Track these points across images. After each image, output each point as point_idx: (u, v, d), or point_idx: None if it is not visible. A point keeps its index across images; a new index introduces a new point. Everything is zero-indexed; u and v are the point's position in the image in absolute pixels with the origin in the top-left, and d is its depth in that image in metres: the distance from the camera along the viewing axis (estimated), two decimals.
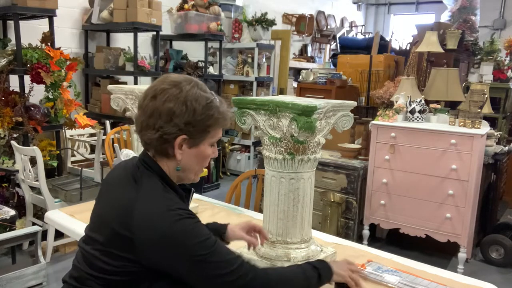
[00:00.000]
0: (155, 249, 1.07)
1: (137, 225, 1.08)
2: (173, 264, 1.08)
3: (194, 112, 1.14)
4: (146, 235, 1.07)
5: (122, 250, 1.09)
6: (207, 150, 1.21)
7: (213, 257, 1.08)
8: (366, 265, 1.54)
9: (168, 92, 1.14)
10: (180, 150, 1.17)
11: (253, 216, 2.04)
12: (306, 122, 1.34)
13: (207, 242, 1.08)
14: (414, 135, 3.24)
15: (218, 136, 1.23)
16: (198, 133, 1.17)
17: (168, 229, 1.06)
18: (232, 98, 1.60)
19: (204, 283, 1.10)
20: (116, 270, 1.11)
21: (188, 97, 1.14)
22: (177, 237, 1.06)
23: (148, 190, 1.14)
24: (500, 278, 3.28)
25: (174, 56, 5.26)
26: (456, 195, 3.12)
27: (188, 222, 1.09)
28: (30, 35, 3.65)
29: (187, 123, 1.14)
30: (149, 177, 1.17)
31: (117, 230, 1.10)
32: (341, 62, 4.98)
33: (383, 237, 3.92)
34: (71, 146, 4.14)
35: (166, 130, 1.13)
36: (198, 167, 1.23)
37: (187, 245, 1.06)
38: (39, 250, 2.77)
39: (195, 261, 1.07)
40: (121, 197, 1.16)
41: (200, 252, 1.07)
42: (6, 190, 3.37)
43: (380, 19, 10.15)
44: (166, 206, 1.10)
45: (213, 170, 5.35)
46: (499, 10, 8.19)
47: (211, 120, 1.17)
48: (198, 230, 1.09)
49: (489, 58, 4.67)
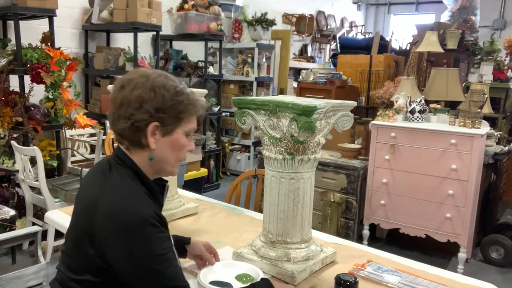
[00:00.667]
0: (110, 246, 1.06)
1: (98, 220, 1.07)
2: (122, 266, 1.06)
3: (163, 98, 1.13)
4: (104, 231, 1.06)
5: (89, 247, 1.09)
6: (181, 139, 1.19)
7: (164, 276, 1.06)
8: (366, 265, 1.54)
9: (135, 80, 1.15)
10: (153, 139, 1.15)
11: (253, 216, 2.04)
12: (306, 122, 1.34)
13: (162, 258, 1.06)
14: (414, 135, 3.24)
15: (192, 125, 1.21)
16: (170, 120, 1.15)
17: (126, 229, 1.04)
18: (232, 98, 1.60)
19: None
20: (88, 269, 1.10)
21: (155, 84, 1.14)
22: (134, 241, 1.04)
23: (114, 185, 1.13)
24: (500, 278, 3.28)
25: (174, 56, 5.26)
26: (456, 195, 3.12)
27: (152, 229, 1.06)
28: (30, 35, 3.65)
29: (157, 109, 1.13)
30: (118, 171, 1.16)
31: (84, 227, 1.11)
32: (341, 62, 4.98)
33: (383, 237, 3.92)
34: (71, 146, 4.14)
35: (137, 117, 1.12)
36: (174, 158, 1.20)
37: (141, 254, 1.04)
38: (39, 250, 2.76)
39: (145, 272, 1.04)
40: (89, 193, 1.16)
41: (152, 265, 1.04)
42: (6, 190, 3.37)
43: (380, 19, 10.15)
44: (132, 201, 1.08)
45: (213, 170, 5.36)
46: (499, 10, 8.19)
47: (182, 106, 1.16)
48: (159, 242, 1.07)
49: (489, 58, 4.67)
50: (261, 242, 1.56)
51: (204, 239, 1.75)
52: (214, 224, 1.92)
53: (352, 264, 1.55)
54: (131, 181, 1.14)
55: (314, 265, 1.50)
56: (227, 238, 1.77)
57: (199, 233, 1.80)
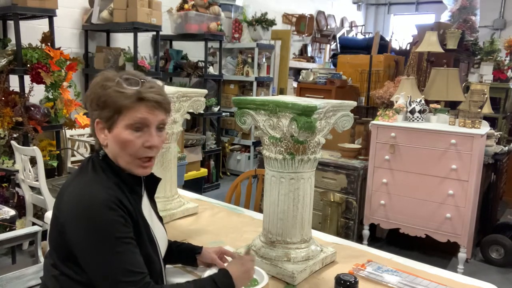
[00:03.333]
0: (69, 230, 1.07)
1: (63, 204, 1.11)
2: (81, 249, 1.07)
3: (95, 93, 1.14)
4: (64, 215, 1.09)
5: (58, 234, 1.12)
6: (122, 134, 1.12)
7: (120, 259, 1.05)
8: (366, 265, 1.54)
9: (93, 82, 1.19)
10: (103, 135, 1.16)
11: (253, 216, 2.04)
12: (306, 122, 1.34)
13: (120, 240, 1.05)
14: (414, 135, 3.24)
15: (133, 118, 1.12)
16: (107, 115, 1.13)
17: (86, 208, 1.06)
18: (232, 98, 1.60)
19: (94, 274, 1.07)
20: (62, 255, 1.13)
21: (94, 82, 1.17)
22: (91, 224, 1.05)
23: (85, 173, 1.16)
24: (500, 278, 3.28)
25: (174, 56, 5.26)
26: (456, 195, 3.12)
27: (110, 212, 1.06)
28: (30, 35, 3.65)
29: (96, 105, 1.15)
30: (93, 163, 1.18)
31: (54, 213, 1.15)
32: (341, 62, 4.98)
33: (383, 237, 3.92)
34: (71, 146, 4.14)
35: (90, 115, 1.19)
36: (124, 153, 1.14)
37: (98, 233, 1.04)
38: (39, 250, 2.76)
39: (98, 252, 1.04)
40: (64, 184, 1.20)
41: (110, 248, 1.04)
42: (6, 190, 3.37)
43: (380, 19, 10.15)
44: (95, 187, 1.10)
45: (213, 170, 5.36)
46: (499, 10, 8.19)
47: (108, 100, 1.12)
48: (117, 225, 1.06)
49: (489, 58, 4.67)
50: (261, 242, 1.56)
51: (204, 239, 1.75)
52: (214, 224, 1.92)
53: (352, 264, 1.55)
54: (101, 171, 1.16)
55: (314, 265, 1.50)
56: (227, 238, 1.77)
57: (199, 233, 1.80)
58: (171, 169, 1.95)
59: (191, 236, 1.76)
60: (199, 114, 4.98)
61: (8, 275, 2.50)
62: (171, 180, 1.96)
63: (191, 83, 5.53)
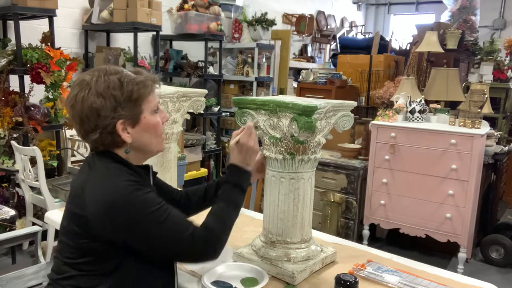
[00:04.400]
0: (106, 221, 1.10)
1: (88, 201, 1.12)
2: (125, 237, 1.11)
3: (114, 97, 1.15)
4: (96, 209, 1.10)
5: (81, 230, 1.13)
6: (151, 119, 1.21)
7: (167, 225, 1.11)
8: (366, 265, 1.54)
9: (80, 94, 1.15)
10: (127, 134, 1.18)
11: (253, 216, 2.04)
12: (306, 122, 1.34)
13: (158, 212, 1.11)
14: (414, 135, 3.24)
15: (153, 102, 1.21)
16: (131, 111, 1.17)
17: (116, 202, 1.09)
18: (232, 98, 1.60)
19: (160, 250, 1.14)
20: (82, 251, 1.14)
21: (99, 89, 1.14)
22: (127, 209, 1.09)
23: (98, 169, 1.18)
24: (500, 278, 3.28)
25: (174, 56, 5.26)
26: (456, 195, 3.12)
27: (137, 193, 1.11)
28: (30, 35, 3.65)
29: (114, 109, 1.15)
30: (101, 159, 1.20)
31: (74, 211, 1.15)
32: (341, 62, 4.98)
33: (383, 237, 3.92)
34: (71, 146, 4.14)
35: (102, 125, 1.15)
36: (154, 137, 1.23)
37: (138, 216, 1.09)
38: (39, 250, 2.76)
39: (148, 230, 1.10)
40: (77, 182, 1.21)
41: (152, 221, 1.10)
42: (6, 190, 3.37)
43: (380, 19, 10.14)
44: (113, 179, 1.13)
45: (213, 170, 5.36)
46: (499, 10, 8.18)
47: (134, 94, 1.17)
48: (149, 200, 1.12)
49: (489, 58, 4.67)
50: (261, 242, 1.56)
51: None
52: None
53: (352, 264, 1.55)
54: (115, 164, 1.18)
55: (314, 265, 1.50)
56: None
57: None
58: (171, 169, 1.95)
59: None
60: (199, 114, 4.98)
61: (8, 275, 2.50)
62: (171, 180, 1.96)
63: (191, 83, 5.53)
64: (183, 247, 1.14)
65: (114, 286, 1.15)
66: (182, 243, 1.13)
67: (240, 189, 1.31)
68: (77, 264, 1.16)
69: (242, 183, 1.32)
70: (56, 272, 1.21)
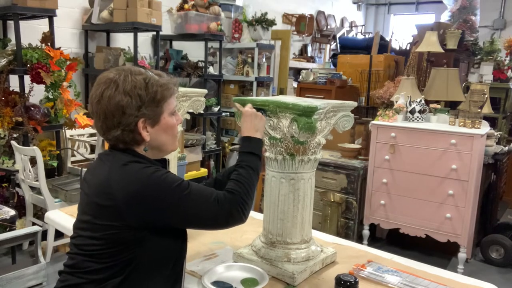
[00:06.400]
0: (137, 207, 1.15)
1: (116, 191, 1.16)
2: (159, 215, 1.17)
3: (140, 97, 1.20)
4: (125, 197, 1.15)
5: (108, 220, 1.17)
6: (169, 120, 1.27)
7: (192, 196, 1.18)
8: (366, 265, 1.54)
9: (107, 91, 1.20)
10: (146, 132, 1.24)
11: (253, 216, 2.04)
12: (306, 123, 1.34)
13: (182, 185, 1.19)
14: (414, 135, 3.24)
15: (172, 105, 1.28)
16: (153, 111, 1.23)
17: (143, 184, 1.15)
18: (232, 98, 1.60)
19: (191, 221, 1.22)
20: (106, 242, 1.17)
21: (126, 88, 1.20)
22: (154, 189, 1.16)
23: (118, 160, 1.22)
24: (500, 278, 3.28)
25: (174, 56, 5.26)
26: (456, 195, 3.12)
27: (159, 174, 1.18)
28: (30, 35, 3.65)
29: (138, 108, 1.20)
30: (122, 154, 1.24)
31: (101, 204, 1.18)
32: (341, 62, 4.98)
33: (383, 237, 3.92)
34: (71, 146, 4.14)
35: (125, 122, 1.21)
36: (170, 137, 1.30)
37: (165, 193, 1.16)
38: (39, 250, 2.76)
39: (177, 204, 1.17)
40: (98, 176, 1.24)
41: (178, 194, 1.17)
42: (6, 190, 3.37)
43: (380, 19, 10.14)
44: (136, 166, 1.19)
45: (213, 170, 5.36)
46: (499, 10, 8.18)
47: (158, 95, 1.23)
48: (171, 178, 1.19)
49: (489, 58, 4.67)
50: (261, 242, 1.56)
51: (204, 239, 1.75)
52: None
53: (352, 264, 1.55)
54: (132, 156, 1.25)
55: (314, 266, 1.51)
56: (227, 238, 1.77)
57: (200, 233, 1.80)
58: (171, 169, 1.95)
59: (191, 235, 1.75)
60: (199, 114, 4.98)
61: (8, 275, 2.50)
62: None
63: (191, 83, 5.53)
64: (211, 213, 1.20)
65: (128, 278, 1.19)
66: (210, 209, 1.20)
67: (254, 155, 1.36)
68: (100, 256, 1.18)
69: (255, 150, 1.37)
70: (73, 267, 1.23)
